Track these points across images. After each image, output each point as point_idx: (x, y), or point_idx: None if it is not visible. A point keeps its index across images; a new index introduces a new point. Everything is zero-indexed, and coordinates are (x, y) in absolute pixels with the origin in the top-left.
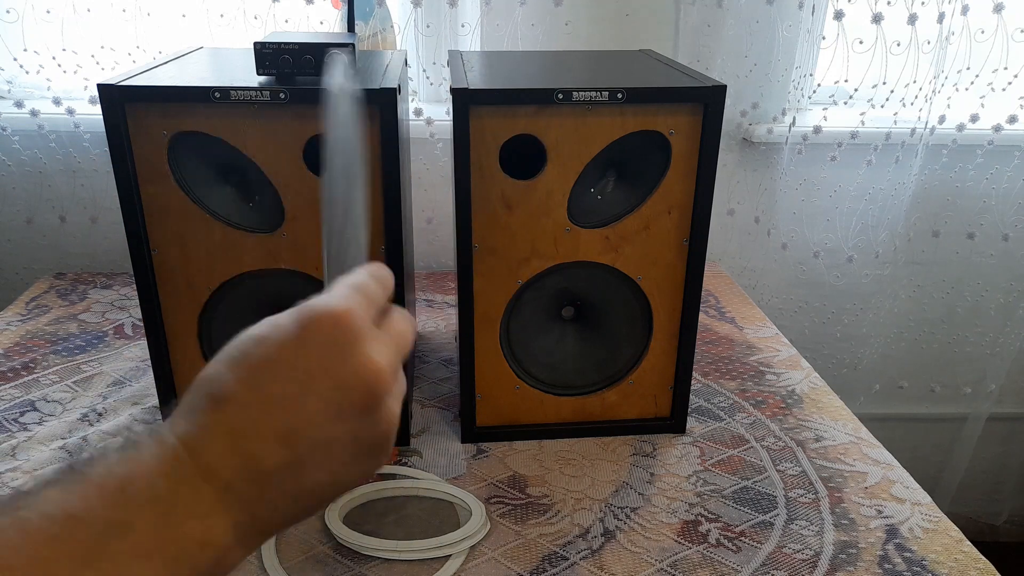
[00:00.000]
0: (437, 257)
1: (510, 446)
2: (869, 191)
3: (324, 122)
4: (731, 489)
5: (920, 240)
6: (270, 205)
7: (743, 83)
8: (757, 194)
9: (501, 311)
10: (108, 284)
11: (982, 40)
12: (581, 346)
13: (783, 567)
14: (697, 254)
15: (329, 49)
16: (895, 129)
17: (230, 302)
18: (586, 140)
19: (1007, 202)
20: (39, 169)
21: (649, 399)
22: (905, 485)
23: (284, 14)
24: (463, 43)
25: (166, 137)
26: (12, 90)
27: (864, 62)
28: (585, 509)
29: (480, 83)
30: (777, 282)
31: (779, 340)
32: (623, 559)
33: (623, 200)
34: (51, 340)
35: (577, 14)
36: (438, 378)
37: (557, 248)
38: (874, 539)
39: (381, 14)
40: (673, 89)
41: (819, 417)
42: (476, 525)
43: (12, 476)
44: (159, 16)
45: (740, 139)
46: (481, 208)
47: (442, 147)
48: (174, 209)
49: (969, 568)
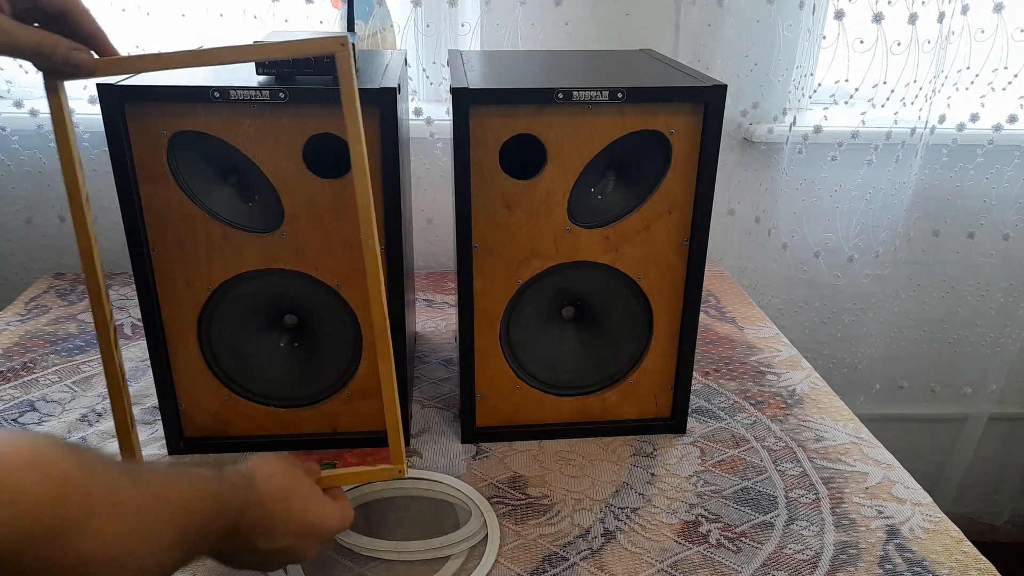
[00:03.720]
0: (437, 257)
1: (510, 446)
2: (869, 191)
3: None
4: (731, 489)
5: (920, 240)
6: (270, 205)
7: (743, 83)
8: (757, 194)
9: (501, 311)
10: (107, 284)
11: (982, 40)
12: (581, 346)
13: (783, 567)
14: (697, 254)
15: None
16: (895, 129)
17: (229, 302)
18: (586, 140)
19: (1007, 202)
20: (38, 169)
21: (649, 399)
22: (906, 485)
23: (284, 13)
24: (463, 43)
25: (165, 137)
26: (12, 90)
27: (864, 62)
28: (585, 509)
29: (480, 83)
30: (777, 282)
31: (779, 340)
32: (623, 559)
33: (623, 200)
34: (50, 340)
35: (577, 14)
36: (438, 378)
37: (557, 248)
38: (875, 539)
39: (381, 13)
40: (673, 89)
41: (820, 417)
42: (476, 526)
43: None
44: (159, 16)
45: (740, 139)
46: (481, 208)
47: (442, 147)
48: (173, 209)
49: (970, 568)
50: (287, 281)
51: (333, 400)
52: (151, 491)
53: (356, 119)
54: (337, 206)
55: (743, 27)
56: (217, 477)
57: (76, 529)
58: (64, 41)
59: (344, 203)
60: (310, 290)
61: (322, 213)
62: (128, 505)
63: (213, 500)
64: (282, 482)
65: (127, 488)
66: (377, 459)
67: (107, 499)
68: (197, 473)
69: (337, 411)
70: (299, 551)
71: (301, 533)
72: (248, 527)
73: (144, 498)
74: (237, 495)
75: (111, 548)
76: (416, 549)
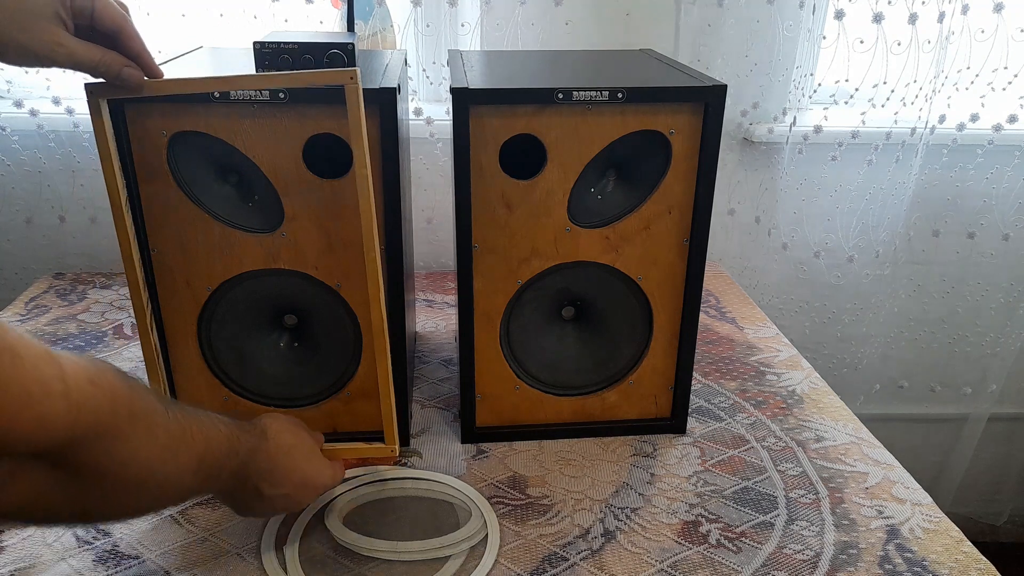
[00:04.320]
0: (437, 257)
1: (510, 446)
2: (869, 191)
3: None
4: (731, 489)
5: (920, 240)
6: (269, 205)
7: (743, 83)
8: (757, 194)
9: (501, 311)
10: (107, 284)
11: (982, 40)
12: (581, 346)
13: (783, 568)
14: (697, 254)
15: (329, 49)
16: (895, 129)
17: (229, 302)
18: (586, 140)
19: (1007, 202)
20: (38, 169)
21: (649, 399)
22: (906, 485)
23: (284, 13)
24: (463, 42)
25: (165, 137)
26: (11, 89)
27: (865, 62)
28: (585, 510)
29: (480, 83)
30: (777, 282)
31: (779, 340)
32: (623, 560)
33: (623, 200)
34: (50, 340)
35: (577, 14)
36: (438, 378)
37: (557, 248)
38: (875, 539)
39: (381, 13)
40: (673, 89)
41: (820, 417)
42: (476, 526)
43: None
44: (159, 15)
45: (740, 139)
46: (481, 208)
47: (442, 147)
48: (173, 209)
49: (970, 568)
50: (287, 281)
51: (333, 400)
52: (178, 421)
53: (362, 146)
54: (337, 206)
55: (743, 27)
56: (233, 424)
57: (118, 435)
58: (119, 58)
59: (344, 203)
60: (310, 290)
61: (322, 213)
62: (160, 427)
63: (228, 442)
64: (288, 439)
65: (160, 414)
66: (377, 459)
67: (145, 418)
68: (217, 417)
69: (337, 411)
70: (295, 500)
71: (299, 484)
72: (256, 471)
73: (172, 425)
74: (249, 441)
75: (142, 457)
76: (416, 549)
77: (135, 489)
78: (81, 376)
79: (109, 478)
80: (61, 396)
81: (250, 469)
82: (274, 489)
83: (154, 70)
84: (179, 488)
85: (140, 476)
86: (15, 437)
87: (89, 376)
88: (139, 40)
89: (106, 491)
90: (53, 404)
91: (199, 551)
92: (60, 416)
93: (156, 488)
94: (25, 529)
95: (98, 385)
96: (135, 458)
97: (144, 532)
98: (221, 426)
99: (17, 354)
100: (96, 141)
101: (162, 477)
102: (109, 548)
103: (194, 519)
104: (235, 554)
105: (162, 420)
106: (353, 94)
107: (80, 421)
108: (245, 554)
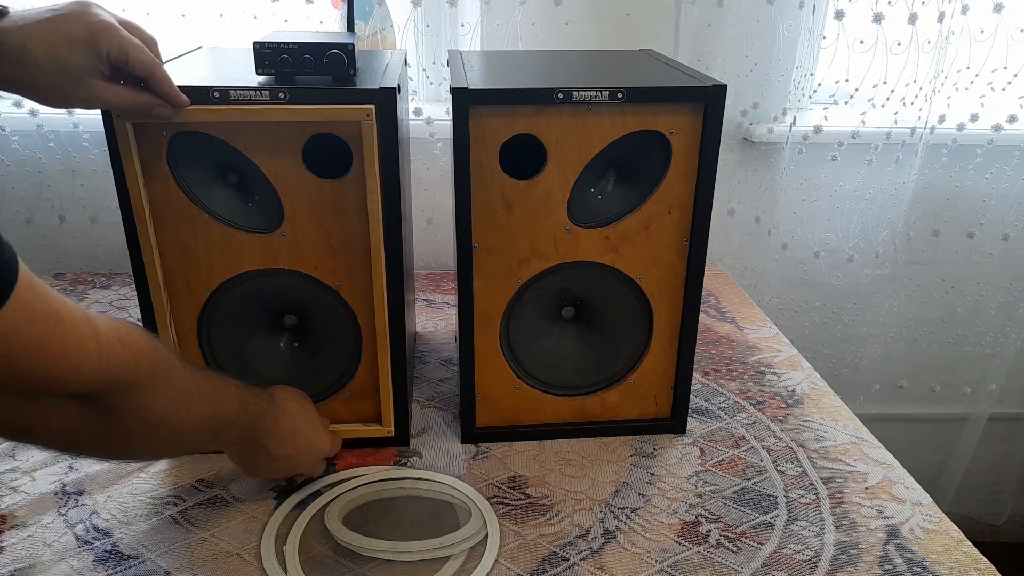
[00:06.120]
0: (437, 257)
1: (510, 446)
2: (869, 191)
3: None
4: (731, 489)
5: (920, 240)
6: (269, 205)
7: (743, 83)
8: (757, 194)
9: (501, 311)
10: (107, 284)
11: (982, 40)
12: (581, 346)
13: (783, 568)
14: (697, 254)
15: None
16: (895, 129)
17: (229, 302)
18: (586, 140)
19: (1007, 202)
20: (38, 169)
21: (649, 399)
22: (906, 485)
23: (284, 13)
24: (463, 43)
25: (165, 137)
26: None
27: (865, 62)
28: (585, 510)
29: (480, 83)
30: (777, 282)
31: (779, 340)
32: (623, 560)
33: (623, 200)
34: None
35: (577, 14)
36: (438, 378)
37: (557, 248)
38: (875, 540)
39: (381, 13)
40: (673, 89)
41: (820, 417)
42: (476, 526)
43: (12, 476)
44: (158, 16)
45: (740, 139)
46: (481, 208)
47: (442, 147)
48: (173, 209)
49: (970, 568)
50: (287, 281)
51: (333, 400)
52: (194, 379)
53: (375, 176)
54: (337, 206)
55: (743, 27)
56: (245, 387)
57: (140, 385)
58: (149, 99)
59: (344, 203)
60: (310, 290)
61: (322, 213)
62: (177, 382)
63: (239, 401)
64: (294, 407)
65: (179, 369)
66: (377, 459)
67: (165, 373)
68: (232, 381)
69: (337, 411)
70: (297, 462)
71: (301, 448)
72: (264, 430)
73: (188, 382)
74: (259, 403)
75: (160, 405)
76: (416, 549)
77: (152, 432)
78: (112, 336)
79: (130, 420)
80: (95, 352)
81: (258, 428)
82: (280, 449)
83: (181, 103)
84: (193, 436)
85: (156, 419)
86: (56, 383)
87: (119, 336)
88: (168, 82)
89: (128, 431)
90: (87, 358)
91: (199, 551)
92: (93, 368)
93: (171, 432)
94: (25, 529)
95: (126, 344)
96: (153, 404)
97: (144, 532)
98: (233, 388)
99: (60, 318)
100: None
101: (177, 423)
102: (109, 548)
103: (194, 519)
104: (235, 554)
105: (179, 376)
106: (368, 131)
107: (109, 373)
108: (245, 554)
